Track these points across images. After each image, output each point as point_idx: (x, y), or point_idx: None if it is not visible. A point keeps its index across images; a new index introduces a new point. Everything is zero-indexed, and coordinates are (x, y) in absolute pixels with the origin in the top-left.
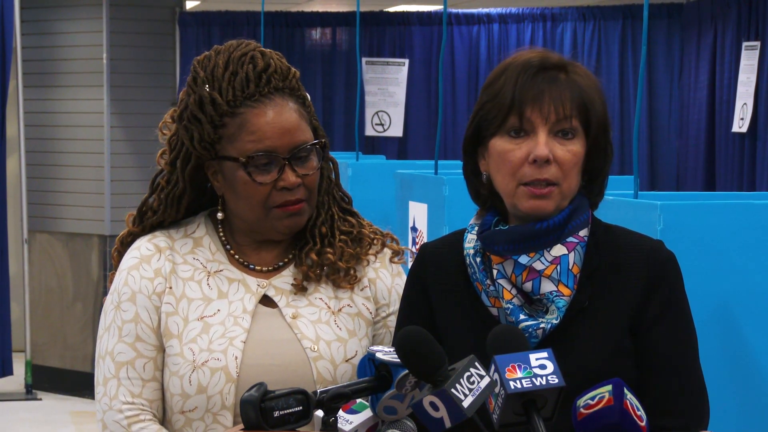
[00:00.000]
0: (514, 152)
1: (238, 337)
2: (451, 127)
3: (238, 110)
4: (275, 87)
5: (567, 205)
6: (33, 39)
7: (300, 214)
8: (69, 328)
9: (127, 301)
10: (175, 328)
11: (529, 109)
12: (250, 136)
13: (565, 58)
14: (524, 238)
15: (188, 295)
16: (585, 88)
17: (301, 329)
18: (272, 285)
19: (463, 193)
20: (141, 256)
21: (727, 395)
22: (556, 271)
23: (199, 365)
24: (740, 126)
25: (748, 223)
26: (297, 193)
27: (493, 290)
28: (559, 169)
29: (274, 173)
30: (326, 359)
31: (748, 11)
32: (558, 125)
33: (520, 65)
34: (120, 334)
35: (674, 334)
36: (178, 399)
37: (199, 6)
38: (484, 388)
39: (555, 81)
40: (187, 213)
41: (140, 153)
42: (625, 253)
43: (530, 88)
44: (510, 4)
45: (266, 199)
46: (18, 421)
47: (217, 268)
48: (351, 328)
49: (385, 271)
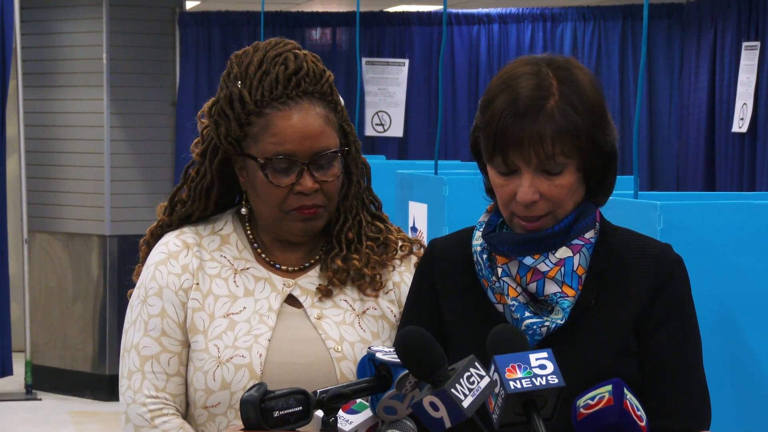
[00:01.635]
0: (504, 188)
1: (263, 335)
2: (451, 127)
3: (264, 110)
4: (304, 91)
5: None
6: (33, 39)
7: (315, 219)
8: (69, 328)
9: (154, 296)
10: (201, 324)
11: (511, 152)
12: (272, 137)
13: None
14: (529, 240)
15: (215, 292)
16: (571, 116)
17: (326, 330)
18: (298, 285)
19: (463, 193)
20: (169, 252)
21: (727, 395)
22: (560, 273)
23: (223, 361)
24: (740, 126)
25: (748, 223)
26: (314, 198)
27: (498, 287)
28: (549, 203)
29: (293, 177)
30: (350, 360)
31: (748, 11)
32: (541, 165)
33: (505, 102)
34: (146, 329)
35: (679, 336)
36: (201, 394)
37: (199, 6)
38: (484, 388)
39: (536, 119)
40: (216, 209)
41: (140, 153)
42: (633, 255)
43: (511, 129)
44: (510, 4)
45: (282, 202)
46: (18, 421)
47: (243, 266)
48: (375, 331)
49: (409, 275)
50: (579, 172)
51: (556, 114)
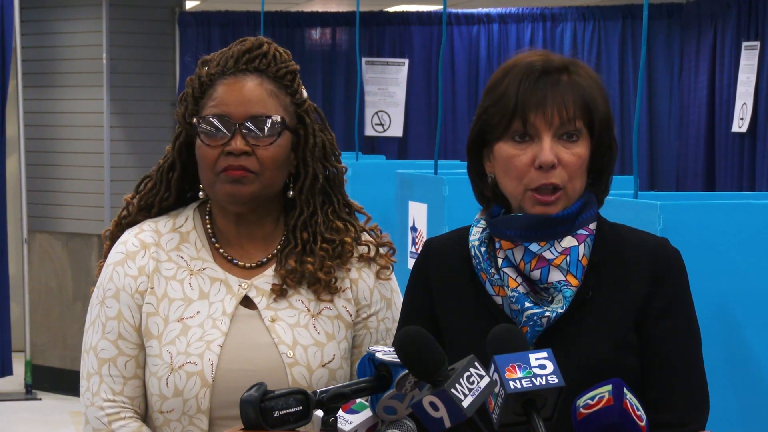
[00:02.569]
0: (520, 157)
1: (215, 341)
2: (451, 127)
3: (215, 83)
4: (256, 67)
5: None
6: (33, 39)
7: (241, 182)
8: (69, 328)
9: (111, 298)
10: (155, 329)
11: (532, 114)
12: (212, 101)
13: (566, 59)
14: (538, 223)
15: (169, 295)
16: (587, 89)
17: (279, 333)
18: (254, 285)
19: (463, 193)
20: (126, 252)
21: (727, 395)
22: (566, 261)
23: (176, 368)
24: (740, 126)
25: (748, 223)
26: (242, 160)
27: (497, 279)
28: (564, 172)
29: (225, 138)
30: (302, 365)
31: (748, 11)
32: (562, 129)
33: (523, 69)
34: (103, 331)
35: (679, 330)
36: (156, 399)
37: (199, 6)
38: (483, 388)
39: (557, 84)
40: (178, 198)
41: (140, 153)
42: (630, 248)
43: (533, 93)
44: (510, 4)
45: (214, 164)
46: (18, 421)
47: (200, 266)
48: (330, 332)
49: (368, 271)
50: (589, 151)
51: (576, 83)
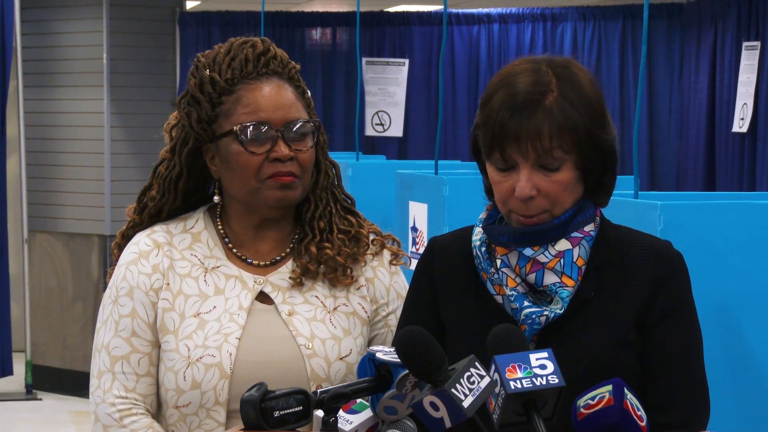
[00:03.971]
0: (502, 183)
1: (233, 333)
2: (451, 127)
3: (235, 87)
4: (273, 70)
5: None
6: (33, 39)
7: (291, 187)
8: (69, 328)
9: (125, 296)
10: (172, 325)
11: (509, 147)
12: (245, 108)
13: (560, 66)
14: (528, 233)
15: (185, 292)
16: (568, 111)
17: (297, 326)
18: (269, 281)
19: (464, 193)
20: (139, 252)
21: (727, 395)
22: (560, 264)
23: (194, 361)
24: (740, 126)
25: (748, 223)
26: (289, 166)
27: (497, 278)
28: (546, 200)
29: (268, 145)
30: (320, 357)
31: (748, 11)
32: (539, 160)
33: (503, 96)
34: (116, 329)
35: (680, 332)
36: (172, 394)
37: (199, 6)
38: (484, 388)
39: (534, 114)
40: (187, 206)
41: (140, 153)
42: (633, 250)
43: (509, 125)
44: (510, 4)
45: (258, 170)
46: (18, 421)
47: (214, 264)
48: (346, 327)
49: (383, 270)
50: (577, 169)
51: (555, 109)
